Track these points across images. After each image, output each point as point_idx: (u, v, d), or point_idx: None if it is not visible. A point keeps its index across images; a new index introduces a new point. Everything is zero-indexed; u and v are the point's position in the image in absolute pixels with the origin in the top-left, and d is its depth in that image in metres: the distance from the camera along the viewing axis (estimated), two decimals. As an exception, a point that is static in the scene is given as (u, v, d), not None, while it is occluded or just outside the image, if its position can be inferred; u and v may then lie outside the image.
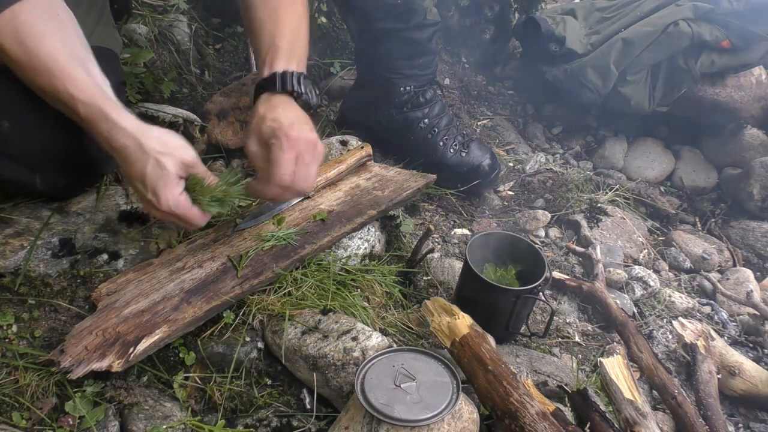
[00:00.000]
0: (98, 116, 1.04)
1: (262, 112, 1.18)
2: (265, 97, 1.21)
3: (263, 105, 1.20)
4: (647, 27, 2.10)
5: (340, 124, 2.01)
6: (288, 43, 1.25)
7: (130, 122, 1.05)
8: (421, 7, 1.73)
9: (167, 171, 1.05)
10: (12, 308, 1.14)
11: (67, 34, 1.08)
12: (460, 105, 2.36)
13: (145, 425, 1.03)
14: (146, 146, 1.04)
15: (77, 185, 1.37)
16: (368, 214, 1.41)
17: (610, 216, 1.91)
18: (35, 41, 1.02)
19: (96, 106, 1.03)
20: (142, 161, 1.05)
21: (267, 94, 1.21)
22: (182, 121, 1.69)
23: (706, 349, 1.41)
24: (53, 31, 1.05)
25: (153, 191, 1.06)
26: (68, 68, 1.03)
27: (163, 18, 1.95)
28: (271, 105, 1.19)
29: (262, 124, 1.16)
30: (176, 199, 1.07)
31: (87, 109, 1.03)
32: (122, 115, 1.05)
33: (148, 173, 1.05)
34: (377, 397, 0.98)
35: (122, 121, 1.04)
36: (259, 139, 1.16)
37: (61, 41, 1.05)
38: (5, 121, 1.14)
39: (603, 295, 1.56)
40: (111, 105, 1.05)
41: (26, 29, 1.02)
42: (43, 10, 1.05)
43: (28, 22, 1.02)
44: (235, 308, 1.20)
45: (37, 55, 1.02)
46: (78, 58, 1.06)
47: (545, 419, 0.97)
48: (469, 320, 1.17)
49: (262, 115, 1.18)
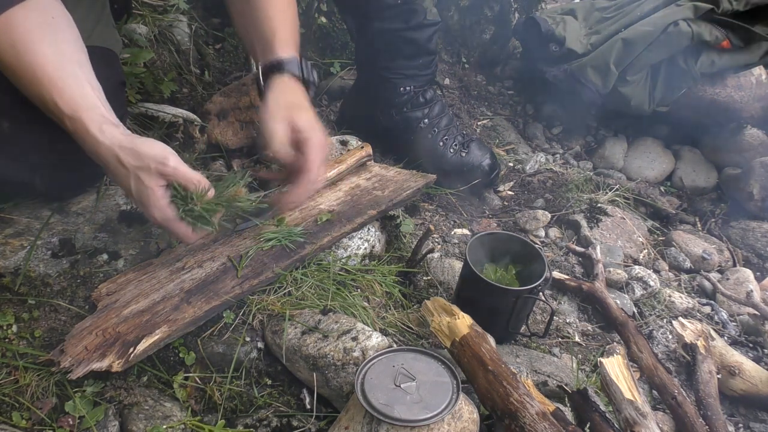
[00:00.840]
0: (82, 132, 1.03)
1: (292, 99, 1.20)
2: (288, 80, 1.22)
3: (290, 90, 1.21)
4: (647, 27, 2.10)
5: (340, 124, 2.01)
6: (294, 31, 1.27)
7: (109, 136, 1.03)
8: (421, 7, 1.73)
9: (147, 186, 1.04)
10: (12, 308, 1.14)
11: (61, 40, 1.06)
12: (460, 105, 2.36)
13: (145, 425, 1.04)
14: (124, 162, 1.03)
15: (77, 185, 1.37)
16: (368, 214, 1.41)
17: (610, 216, 1.91)
18: (26, 49, 1.01)
19: (80, 120, 1.02)
20: (125, 177, 1.04)
21: (289, 77, 1.22)
22: (182, 121, 1.69)
23: (706, 349, 1.41)
24: (46, 37, 1.04)
25: (140, 205, 1.07)
26: (56, 78, 1.02)
27: (163, 18, 1.95)
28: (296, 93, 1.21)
29: (297, 112, 1.18)
30: (163, 212, 1.06)
31: (72, 124, 1.02)
32: (102, 128, 1.03)
33: (133, 189, 1.05)
34: (377, 397, 0.98)
35: (101, 137, 1.03)
36: (291, 127, 1.17)
37: (54, 48, 1.04)
38: (5, 121, 1.14)
39: (603, 295, 1.56)
40: (93, 118, 1.03)
41: (19, 36, 1.01)
42: (38, 14, 1.04)
43: (22, 29, 1.01)
44: (235, 308, 1.20)
45: (28, 62, 1.01)
46: (70, 66, 1.05)
47: (545, 419, 0.97)
48: (469, 320, 1.17)
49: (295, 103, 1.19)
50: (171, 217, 1.07)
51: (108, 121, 1.05)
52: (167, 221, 1.07)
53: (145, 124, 1.66)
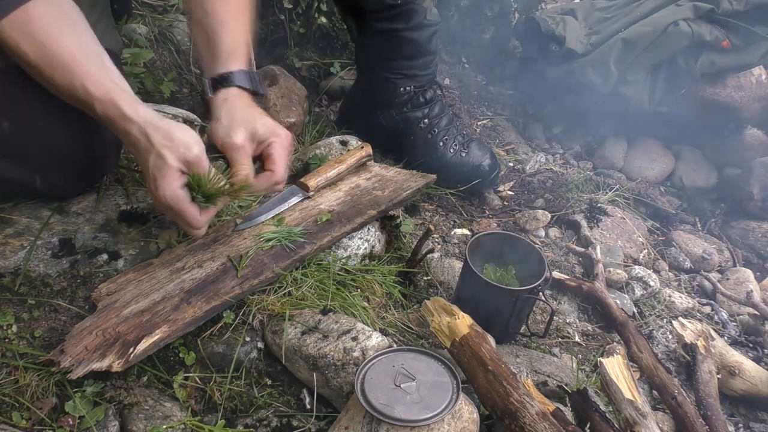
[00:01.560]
0: (113, 112, 1.05)
1: (245, 109, 1.25)
2: (237, 92, 1.27)
3: (241, 101, 1.26)
4: (647, 27, 2.10)
5: (340, 124, 2.01)
6: (246, 44, 1.31)
7: (142, 114, 1.07)
8: (421, 7, 1.73)
9: (167, 163, 1.06)
10: (12, 308, 1.14)
11: (80, 31, 1.09)
12: (460, 105, 2.36)
13: (145, 425, 1.03)
14: (153, 139, 1.06)
15: (77, 185, 1.37)
16: (368, 214, 1.41)
17: (610, 216, 1.91)
18: (51, 39, 1.03)
19: (111, 102, 1.05)
20: (147, 153, 1.07)
21: (238, 90, 1.27)
22: (182, 121, 1.69)
23: (706, 349, 1.41)
24: (67, 28, 1.06)
25: (154, 181, 1.07)
26: (84, 65, 1.05)
27: (163, 18, 1.95)
28: (249, 103, 1.27)
29: (254, 122, 1.22)
30: (174, 192, 1.07)
31: (103, 107, 1.05)
32: (136, 108, 1.07)
33: (151, 164, 1.06)
34: (377, 397, 0.98)
35: (134, 115, 1.06)
36: (251, 135, 1.21)
37: (76, 38, 1.07)
38: (5, 121, 1.14)
39: (603, 295, 1.56)
40: (125, 99, 1.06)
41: (40, 28, 1.03)
42: (55, 8, 1.07)
43: (42, 21, 1.03)
44: (235, 308, 1.20)
45: (55, 53, 1.03)
46: (92, 54, 1.08)
47: (545, 419, 0.97)
48: (469, 320, 1.17)
49: (250, 114, 1.24)
50: (180, 196, 1.08)
51: (140, 102, 1.09)
52: (175, 200, 1.08)
53: (145, 124, 1.66)
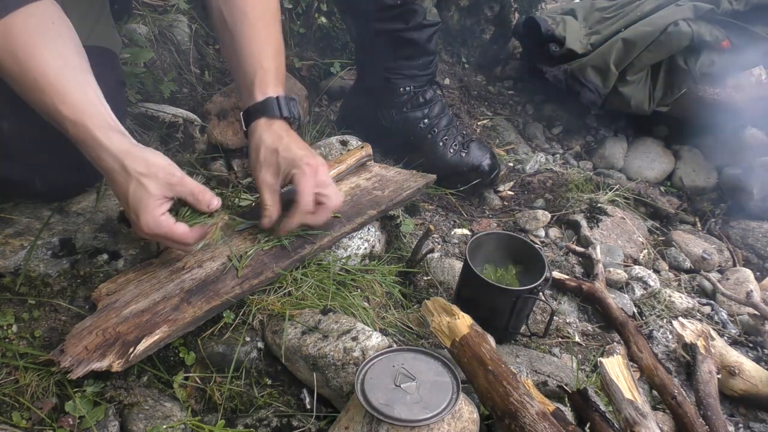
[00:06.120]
0: (85, 137, 1.03)
1: (270, 143, 1.22)
2: (264, 123, 1.24)
3: (268, 134, 1.23)
4: (647, 27, 2.10)
5: (340, 124, 2.01)
6: (275, 66, 1.28)
7: (116, 143, 1.04)
8: (420, 8, 1.73)
9: (148, 193, 1.04)
10: (12, 308, 1.14)
11: (62, 45, 1.06)
12: (460, 105, 2.36)
13: (145, 425, 1.03)
14: (129, 168, 1.04)
15: (77, 185, 1.37)
16: (368, 214, 1.41)
17: (610, 216, 1.91)
18: (26, 54, 1.00)
19: (83, 125, 1.02)
20: (124, 182, 1.04)
21: (265, 120, 1.24)
22: (182, 121, 1.69)
23: (706, 349, 1.41)
24: (47, 42, 1.03)
25: (135, 212, 1.06)
26: (58, 84, 1.01)
27: (163, 18, 1.95)
28: (275, 134, 1.23)
29: (276, 156, 1.21)
30: (156, 221, 1.06)
31: (75, 129, 1.02)
32: (108, 135, 1.03)
33: (131, 195, 1.04)
34: (377, 397, 0.98)
35: (108, 143, 1.03)
36: (275, 171, 1.21)
37: (55, 54, 1.03)
38: (5, 121, 1.14)
39: (603, 295, 1.56)
40: (98, 124, 1.03)
41: (19, 41, 1.00)
42: (38, 19, 1.03)
43: (22, 34, 1.00)
44: (235, 308, 1.20)
45: (28, 68, 1.00)
46: (71, 71, 1.04)
47: (545, 419, 0.97)
48: (469, 320, 1.17)
49: (273, 147, 1.22)
50: (162, 222, 1.06)
51: (113, 128, 1.05)
52: (159, 227, 1.06)
53: (145, 124, 1.66)
